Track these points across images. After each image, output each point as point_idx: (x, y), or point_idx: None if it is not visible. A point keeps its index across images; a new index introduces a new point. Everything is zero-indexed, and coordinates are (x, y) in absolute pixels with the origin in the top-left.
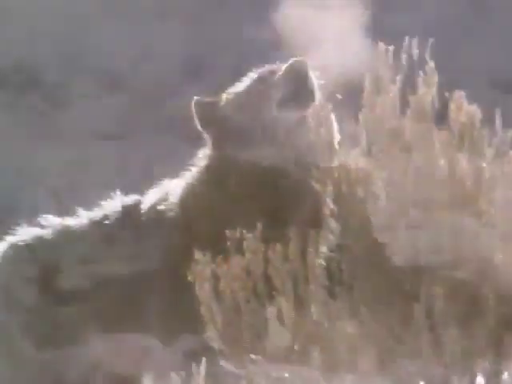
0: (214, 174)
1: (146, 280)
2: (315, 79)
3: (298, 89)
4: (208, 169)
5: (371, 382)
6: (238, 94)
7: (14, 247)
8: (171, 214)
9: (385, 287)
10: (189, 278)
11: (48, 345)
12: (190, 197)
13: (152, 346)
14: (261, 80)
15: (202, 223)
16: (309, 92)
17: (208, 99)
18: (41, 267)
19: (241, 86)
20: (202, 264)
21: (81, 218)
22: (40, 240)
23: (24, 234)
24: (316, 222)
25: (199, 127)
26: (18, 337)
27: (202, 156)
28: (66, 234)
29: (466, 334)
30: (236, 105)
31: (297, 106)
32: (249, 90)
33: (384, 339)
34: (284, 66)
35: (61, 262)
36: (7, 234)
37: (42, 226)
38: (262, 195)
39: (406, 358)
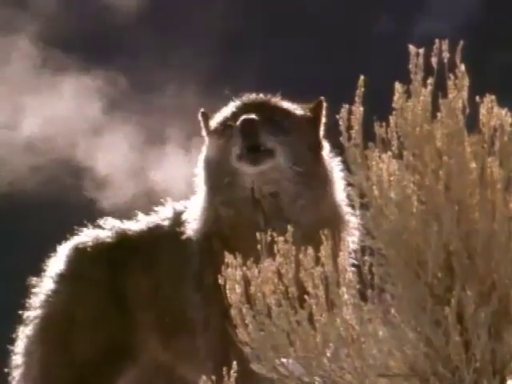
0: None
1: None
2: (272, 137)
3: (248, 147)
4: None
5: None
6: (213, 135)
7: (77, 248)
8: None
9: (416, 290)
10: (219, 281)
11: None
12: (202, 213)
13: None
14: (226, 131)
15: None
16: (260, 150)
17: (209, 114)
18: (103, 268)
19: (221, 117)
20: (232, 267)
21: (139, 222)
22: (101, 242)
23: (87, 235)
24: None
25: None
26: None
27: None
28: (125, 237)
29: (496, 337)
30: (211, 145)
31: (250, 163)
32: (220, 135)
33: (415, 342)
34: (236, 124)
35: (121, 264)
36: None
37: (104, 229)
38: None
39: (437, 361)
